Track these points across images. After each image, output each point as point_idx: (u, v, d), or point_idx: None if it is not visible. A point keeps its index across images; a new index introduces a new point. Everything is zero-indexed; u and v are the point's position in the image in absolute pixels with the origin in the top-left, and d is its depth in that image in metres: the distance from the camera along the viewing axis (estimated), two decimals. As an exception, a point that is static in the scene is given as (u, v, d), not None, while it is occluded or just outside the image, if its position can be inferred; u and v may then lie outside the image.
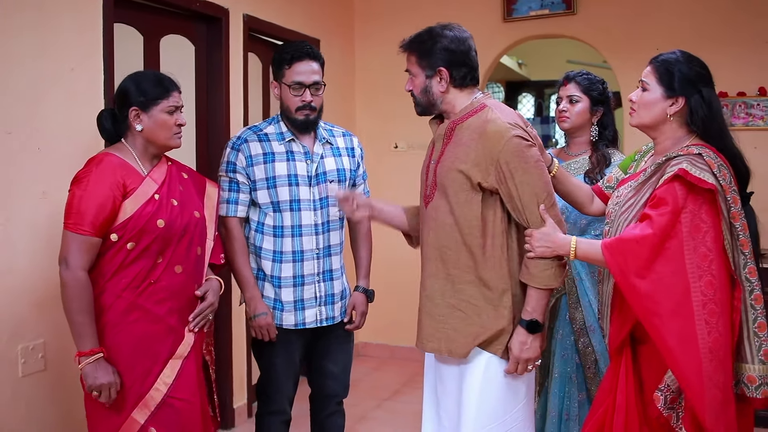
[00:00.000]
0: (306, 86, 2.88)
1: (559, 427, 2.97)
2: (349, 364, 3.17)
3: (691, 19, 4.95)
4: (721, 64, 4.84)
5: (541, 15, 5.29)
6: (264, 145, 2.93)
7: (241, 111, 4.27)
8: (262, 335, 2.92)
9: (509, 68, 7.99)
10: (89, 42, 3.18)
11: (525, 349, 2.34)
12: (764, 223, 4.80)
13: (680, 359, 2.07)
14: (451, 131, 2.44)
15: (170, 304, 2.50)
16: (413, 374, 5.31)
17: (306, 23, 4.97)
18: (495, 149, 2.29)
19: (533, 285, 2.32)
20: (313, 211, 2.92)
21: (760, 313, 2.17)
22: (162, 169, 2.55)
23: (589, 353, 2.95)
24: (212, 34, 4.06)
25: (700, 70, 2.28)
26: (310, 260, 2.93)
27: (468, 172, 2.33)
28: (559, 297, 2.99)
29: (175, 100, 2.52)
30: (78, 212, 2.37)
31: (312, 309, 2.95)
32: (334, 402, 3.16)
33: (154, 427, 2.43)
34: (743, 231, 2.17)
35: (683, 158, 2.17)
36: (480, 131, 2.34)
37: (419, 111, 2.53)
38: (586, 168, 3.02)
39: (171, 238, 2.48)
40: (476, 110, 2.41)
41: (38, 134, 2.94)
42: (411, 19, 5.58)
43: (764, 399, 2.16)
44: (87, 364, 2.37)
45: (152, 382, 2.45)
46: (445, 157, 2.42)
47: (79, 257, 2.37)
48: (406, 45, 2.49)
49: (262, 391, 3.08)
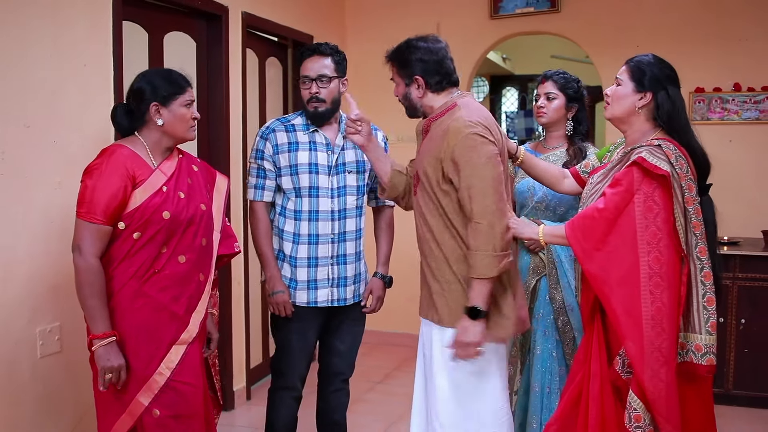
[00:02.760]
0: (312, 79, 3.07)
1: (542, 401, 3.16)
2: (356, 345, 3.34)
3: (670, 18, 5.16)
4: (698, 61, 5.12)
5: (526, 12, 5.49)
6: (290, 135, 3.12)
7: (240, 105, 4.42)
8: (279, 311, 3.12)
9: (494, 63, 8.16)
10: (100, 39, 3.32)
11: (466, 333, 2.51)
12: (737, 212, 5.08)
13: (624, 324, 2.33)
14: (427, 128, 2.71)
15: (174, 292, 2.57)
16: (404, 359, 5.51)
17: (300, 20, 5.13)
18: (452, 143, 2.52)
19: (473, 275, 2.50)
20: (330, 199, 3.10)
21: (709, 289, 2.41)
22: (172, 163, 2.64)
23: (568, 331, 3.16)
24: (212, 31, 4.22)
25: (668, 72, 2.54)
26: (325, 244, 3.11)
27: (435, 166, 2.58)
28: (539, 279, 3.21)
29: (191, 95, 2.63)
30: (90, 202, 2.45)
31: (324, 289, 3.13)
32: (339, 379, 3.33)
33: (157, 408, 2.51)
34: (696, 215, 2.40)
35: (644, 148, 2.42)
36: (444, 128, 2.58)
37: (407, 114, 2.80)
38: (564, 160, 3.23)
39: (176, 229, 2.56)
40: (448, 109, 2.66)
41: (54, 127, 3.07)
42: (401, 15, 5.79)
43: (709, 366, 2.41)
44: (100, 347, 2.46)
45: (156, 366, 2.52)
46: (421, 153, 2.70)
47: (91, 244, 2.45)
48: (388, 56, 2.75)
49: (276, 367, 3.25)
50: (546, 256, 3.20)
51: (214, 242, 2.75)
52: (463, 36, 5.65)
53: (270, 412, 3.28)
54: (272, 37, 5.00)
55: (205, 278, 2.68)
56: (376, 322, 5.88)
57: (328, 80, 3.07)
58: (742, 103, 5.04)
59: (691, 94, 5.09)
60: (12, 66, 2.88)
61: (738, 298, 4.54)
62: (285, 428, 3.27)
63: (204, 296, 2.67)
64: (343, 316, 3.25)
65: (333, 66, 3.10)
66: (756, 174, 5.03)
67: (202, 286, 2.66)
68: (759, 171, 5.02)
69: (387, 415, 4.43)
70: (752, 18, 5.00)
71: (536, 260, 3.24)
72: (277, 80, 5.17)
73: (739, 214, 5.00)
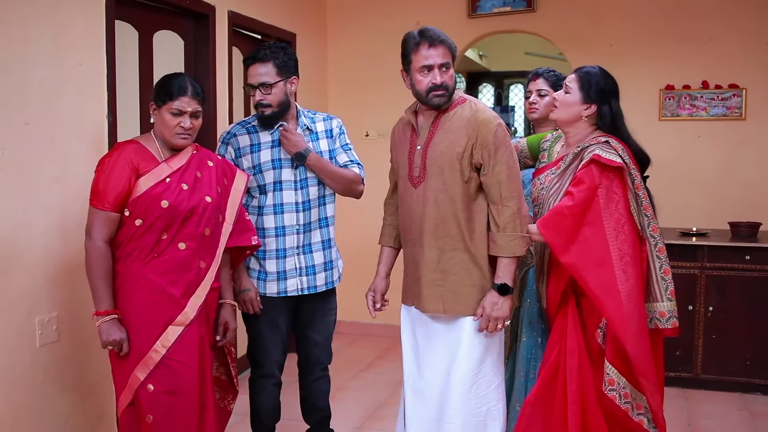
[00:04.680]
0: (255, 87, 3.16)
1: (526, 386, 3.29)
2: (330, 334, 3.48)
3: (641, 18, 5.35)
4: (668, 59, 5.32)
5: (503, 12, 5.66)
6: (252, 136, 3.24)
7: (227, 102, 4.54)
8: (247, 309, 3.24)
9: (471, 59, 8.32)
10: (95, 38, 3.42)
11: (496, 308, 2.75)
12: (705, 204, 5.29)
13: (605, 301, 2.59)
14: (436, 120, 2.83)
15: (172, 276, 2.74)
16: (386, 349, 5.66)
17: (283, 19, 5.26)
18: (484, 133, 2.72)
19: (504, 254, 2.74)
20: (294, 191, 3.22)
21: (665, 261, 2.75)
22: (182, 158, 2.80)
23: None
24: (200, 30, 4.33)
25: (611, 86, 2.82)
26: (291, 235, 3.22)
27: (459, 154, 2.73)
28: (527, 270, 3.34)
29: (180, 105, 2.74)
30: (101, 191, 2.69)
31: (293, 279, 3.25)
32: (318, 368, 3.47)
33: (151, 384, 2.69)
34: (645, 198, 2.72)
35: (595, 146, 2.71)
36: (469, 119, 2.76)
37: (443, 103, 2.81)
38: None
39: (175, 217, 2.72)
40: (458, 102, 2.83)
41: (51, 124, 3.17)
42: (381, 14, 5.94)
43: (673, 328, 2.75)
44: (103, 323, 2.68)
45: (152, 344, 2.71)
46: (436, 143, 2.80)
47: (100, 230, 2.69)
48: (443, 40, 2.78)
49: (252, 358, 3.39)
50: (533, 249, 3.30)
51: (223, 234, 2.89)
52: (441, 34, 5.80)
53: (253, 400, 3.42)
54: (257, 35, 5.11)
55: (206, 265, 2.82)
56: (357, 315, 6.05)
57: (270, 87, 3.14)
58: (710, 100, 5.24)
59: (661, 91, 5.29)
60: (13, 65, 2.97)
61: (706, 286, 4.72)
62: (268, 413, 3.41)
63: (204, 282, 2.81)
64: (314, 306, 3.36)
65: (274, 71, 3.14)
66: (723, 168, 5.23)
67: (202, 273, 2.81)
68: (726, 165, 5.22)
69: (371, 401, 4.59)
70: (720, 20, 5.21)
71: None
72: (261, 77, 5.28)
73: (706, 206, 5.23)
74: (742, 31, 5.17)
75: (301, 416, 3.58)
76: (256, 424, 3.44)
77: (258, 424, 3.43)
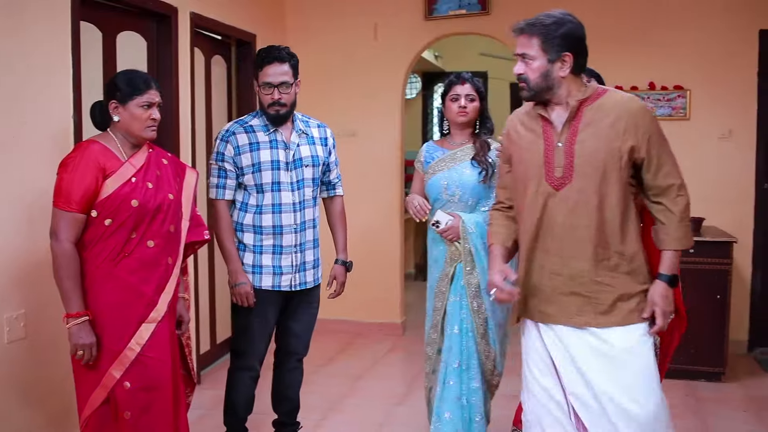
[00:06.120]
0: (274, 86, 3.26)
1: (460, 376, 3.38)
2: (311, 326, 3.58)
3: (592, 21, 5.45)
4: (616, 61, 5.54)
5: (458, 15, 5.81)
6: (250, 135, 3.32)
7: (189, 101, 4.60)
8: (241, 302, 3.32)
9: (426, 60, 8.42)
10: (60, 39, 3.46)
11: (668, 302, 2.50)
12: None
13: None
14: (578, 113, 2.51)
15: (143, 274, 2.76)
16: (345, 344, 5.80)
17: (244, 20, 5.33)
18: (643, 123, 2.47)
19: (679, 247, 2.53)
20: (291, 192, 3.33)
21: None
22: (142, 156, 2.84)
23: (482, 312, 3.38)
24: (162, 31, 4.38)
25: None
26: (289, 233, 3.33)
27: (616, 149, 2.45)
28: (456, 265, 3.41)
29: (150, 97, 2.81)
30: (66, 192, 2.66)
31: (288, 275, 3.36)
32: (295, 359, 3.58)
33: (128, 381, 2.71)
34: None
35: None
36: (623, 109, 2.47)
37: (529, 96, 2.55)
38: (471, 155, 3.44)
39: (144, 216, 2.76)
40: (599, 93, 2.54)
41: (17, 125, 3.21)
42: (340, 15, 6.05)
43: None
44: (74, 325, 2.66)
45: (127, 342, 2.72)
46: (586, 138, 2.48)
47: (67, 231, 2.67)
48: (527, 28, 2.53)
49: (236, 348, 3.45)
50: (462, 245, 3.38)
51: (183, 229, 2.94)
52: (399, 36, 5.95)
53: (230, 392, 3.49)
54: (218, 36, 5.18)
55: (173, 262, 2.88)
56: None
57: (289, 86, 3.28)
58: (656, 101, 5.46)
59: (610, 93, 5.49)
60: (-21, 66, 3.01)
61: (653, 279, 4.90)
62: (244, 406, 3.49)
63: (172, 278, 2.86)
64: (299, 299, 3.46)
65: (291, 72, 3.29)
66: (669, 166, 5.44)
67: (170, 269, 2.86)
68: (672, 163, 5.44)
69: (331, 395, 4.70)
70: (667, 24, 5.45)
71: (452, 249, 3.41)
72: (222, 78, 5.35)
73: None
74: (688, 35, 5.41)
75: (267, 409, 3.67)
76: (230, 415, 3.51)
77: (232, 415, 3.50)
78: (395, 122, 6.06)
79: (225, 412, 3.53)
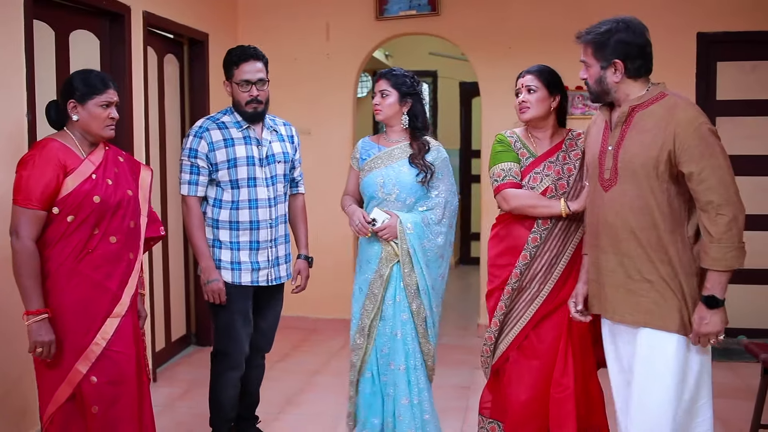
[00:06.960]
0: (252, 83, 3.32)
1: (409, 378, 3.35)
2: (276, 323, 3.64)
3: (539, 22, 5.72)
4: (563, 61, 5.65)
5: (409, 15, 5.92)
6: (223, 132, 3.36)
7: (142, 100, 4.61)
8: (213, 299, 3.35)
9: (377, 59, 8.52)
10: (12, 38, 3.45)
11: (704, 324, 2.46)
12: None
13: None
14: (630, 117, 2.58)
15: (106, 269, 2.80)
16: (300, 340, 5.87)
17: (196, 19, 5.35)
18: (683, 135, 2.44)
19: (717, 268, 2.43)
20: (266, 187, 3.39)
21: None
22: (99, 153, 2.87)
23: (422, 312, 3.35)
24: (115, 30, 4.39)
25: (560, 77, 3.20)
26: (264, 228, 3.39)
27: (659, 158, 2.47)
28: (392, 266, 3.36)
29: (108, 96, 2.84)
30: (26, 189, 2.67)
31: (265, 270, 3.42)
32: (259, 355, 3.63)
33: (95, 375, 2.74)
34: None
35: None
36: (667, 118, 2.48)
37: (593, 99, 2.71)
38: (409, 153, 3.40)
39: (105, 212, 2.79)
40: (656, 98, 2.56)
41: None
42: (292, 15, 6.11)
43: None
44: (34, 322, 2.67)
45: (92, 338, 2.75)
46: (629, 144, 2.56)
47: (27, 229, 2.68)
48: (582, 37, 2.68)
49: (222, 350, 3.44)
50: (400, 246, 3.31)
51: (142, 225, 2.99)
52: (350, 36, 6.04)
53: (218, 394, 3.49)
54: (170, 35, 5.19)
55: (134, 257, 2.92)
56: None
57: (264, 83, 3.35)
58: (588, 101, 5.62)
59: (556, 92, 5.66)
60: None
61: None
62: (233, 409, 3.53)
63: (134, 273, 2.90)
64: (267, 296, 3.52)
65: (265, 69, 3.37)
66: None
67: (132, 264, 2.90)
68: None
69: (287, 390, 4.77)
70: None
71: (388, 249, 3.34)
72: (174, 77, 5.37)
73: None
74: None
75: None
76: (218, 418, 3.51)
77: (221, 417, 3.51)
78: (347, 121, 6.15)
79: (212, 415, 3.54)
